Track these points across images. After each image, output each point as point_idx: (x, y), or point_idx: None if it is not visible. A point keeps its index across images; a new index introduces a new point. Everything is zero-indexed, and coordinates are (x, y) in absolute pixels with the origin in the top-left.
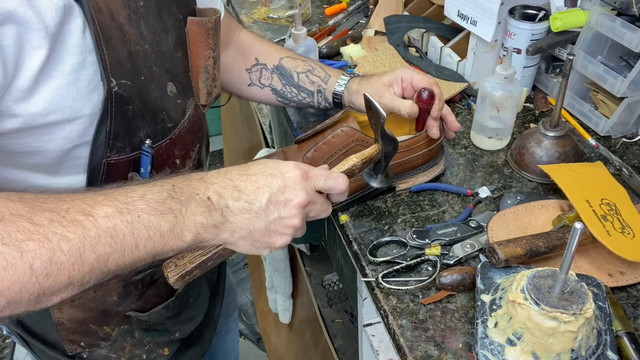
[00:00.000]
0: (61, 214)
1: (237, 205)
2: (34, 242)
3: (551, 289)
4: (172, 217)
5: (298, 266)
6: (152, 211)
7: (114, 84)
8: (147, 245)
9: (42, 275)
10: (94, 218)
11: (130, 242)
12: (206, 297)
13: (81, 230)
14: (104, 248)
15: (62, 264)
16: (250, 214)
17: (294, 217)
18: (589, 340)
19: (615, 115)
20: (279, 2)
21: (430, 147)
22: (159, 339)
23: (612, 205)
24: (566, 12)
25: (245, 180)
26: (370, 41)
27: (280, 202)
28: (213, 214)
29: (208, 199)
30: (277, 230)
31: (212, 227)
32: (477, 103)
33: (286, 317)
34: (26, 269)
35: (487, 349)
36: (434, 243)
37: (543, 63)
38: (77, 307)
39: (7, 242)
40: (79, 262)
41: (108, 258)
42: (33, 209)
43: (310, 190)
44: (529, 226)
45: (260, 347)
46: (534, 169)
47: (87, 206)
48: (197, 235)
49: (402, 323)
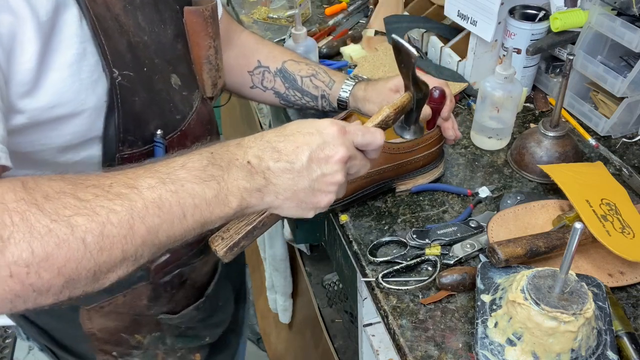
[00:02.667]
0: (105, 188)
1: (279, 166)
2: (83, 216)
3: (551, 289)
4: (215, 183)
5: (298, 266)
6: (194, 179)
7: (116, 74)
8: (194, 214)
9: (96, 250)
10: (139, 190)
11: (178, 212)
12: (232, 300)
13: (128, 203)
14: (152, 219)
15: (114, 237)
16: (293, 173)
17: (336, 173)
18: (589, 340)
19: (615, 115)
20: (279, 2)
21: (431, 149)
22: (190, 345)
23: (612, 205)
24: (566, 12)
25: (284, 141)
26: (370, 41)
27: (322, 159)
28: (255, 178)
29: (248, 163)
30: (321, 188)
31: (256, 191)
32: (477, 103)
33: (286, 317)
34: (79, 244)
35: (487, 349)
36: (434, 243)
37: (543, 63)
38: (108, 315)
39: (55, 218)
40: (130, 234)
41: (158, 229)
42: (76, 186)
43: (349, 146)
44: (529, 226)
45: (260, 347)
46: (534, 169)
47: (129, 179)
48: (242, 200)
49: (402, 323)
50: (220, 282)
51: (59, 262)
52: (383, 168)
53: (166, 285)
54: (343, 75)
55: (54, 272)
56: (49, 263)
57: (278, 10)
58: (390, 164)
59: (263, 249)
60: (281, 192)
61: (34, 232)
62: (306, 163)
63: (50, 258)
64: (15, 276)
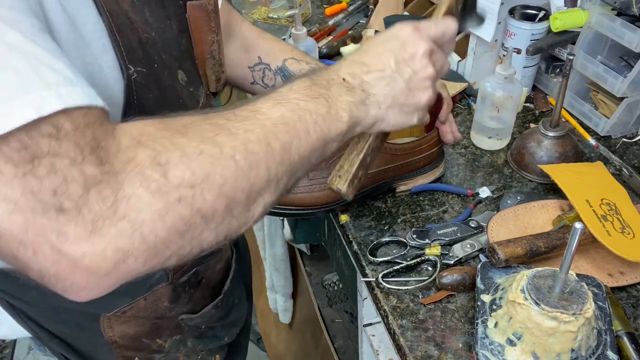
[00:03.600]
0: (231, 116)
1: (371, 76)
2: (225, 136)
3: (551, 289)
4: (323, 100)
5: (298, 266)
6: (306, 98)
7: (132, 71)
8: (315, 129)
9: (245, 167)
10: (262, 111)
11: (301, 128)
12: (245, 298)
13: (258, 122)
14: (283, 135)
15: (257, 154)
16: (386, 79)
17: (427, 67)
18: (589, 340)
19: (615, 115)
20: (279, 2)
21: (432, 150)
22: (210, 346)
23: (612, 205)
24: (566, 12)
25: (366, 55)
26: None
27: (407, 58)
28: (355, 92)
29: (344, 80)
30: (416, 86)
31: (360, 104)
32: (477, 103)
33: (286, 317)
34: (230, 162)
35: (487, 349)
36: (434, 243)
37: (543, 63)
38: (129, 322)
39: (202, 140)
40: (270, 151)
41: (290, 146)
42: (205, 116)
43: (427, 39)
44: (529, 226)
45: (260, 347)
46: (534, 169)
47: (249, 105)
48: (351, 113)
49: (402, 323)
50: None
51: (218, 180)
52: (384, 168)
53: (185, 285)
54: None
55: (216, 192)
56: (210, 182)
57: (278, 10)
58: (391, 164)
59: (263, 249)
60: (382, 101)
61: (188, 154)
62: (395, 66)
63: (210, 177)
64: (183, 200)
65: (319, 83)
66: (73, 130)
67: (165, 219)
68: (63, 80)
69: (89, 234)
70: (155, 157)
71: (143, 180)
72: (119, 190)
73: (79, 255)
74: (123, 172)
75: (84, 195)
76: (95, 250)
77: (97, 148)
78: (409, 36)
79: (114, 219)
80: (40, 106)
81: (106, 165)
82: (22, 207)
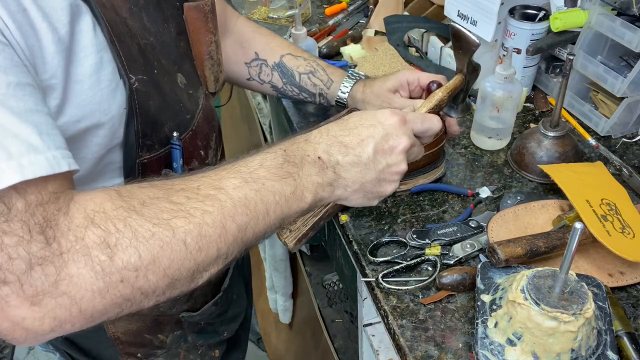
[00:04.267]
0: (194, 191)
1: (347, 159)
2: (180, 219)
3: (551, 289)
4: (291, 180)
5: (298, 266)
6: (273, 177)
7: (133, 80)
8: (276, 210)
9: (195, 250)
10: (225, 190)
11: (262, 209)
12: (244, 294)
13: (218, 203)
14: (241, 217)
15: (210, 237)
16: (360, 166)
17: (401, 163)
18: (589, 340)
19: (615, 115)
20: (279, 2)
21: (433, 149)
22: (210, 341)
23: (612, 205)
24: (566, 12)
25: (348, 135)
26: (370, 41)
27: (386, 150)
28: (327, 172)
29: (319, 159)
30: (386, 178)
31: (328, 185)
32: (477, 103)
33: (286, 317)
34: (181, 245)
35: (487, 349)
36: (434, 243)
37: (543, 63)
38: (131, 318)
39: (157, 222)
40: (224, 233)
41: (246, 227)
42: (167, 190)
43: (410, 134)
44: (529, 226)
45: (260, 347)
46: (534, 169)
47: (214, 181)
48: (315, 194)
49: (402, 323)
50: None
51: (164, 264)
52: None
53: None
54: (341, 72)
55: (160, 274)
56: (156, 266)
57: (278, 10)
58: None
59: (263, 249)
60: (350, 185)
61: (139, 237)
62: (372, 155)
63: (157, 261)
64: (125, 281)
65: (291, 160)
66: (24, 209)
67: (104, 297)
68: (26, 149)
69: (29, 304)
70: (105, 239)
71: (88, 260)
72: (62, 269)
73: (19, 319)
74: (69, 252)
75: (27, 272)
76: (35, 317)
77: (47, 227)
78: (394, 128)
79: (54, 294)
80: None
81: (53, 244)
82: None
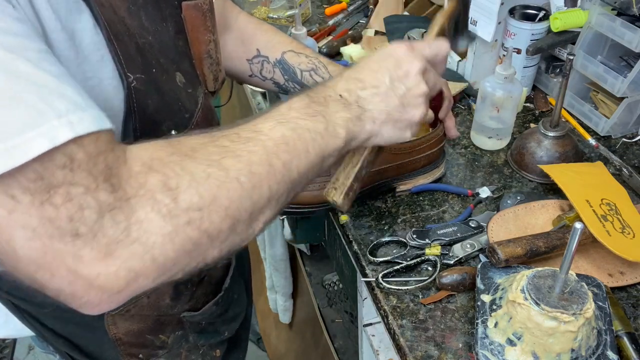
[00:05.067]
0: (235, 136)
1: (367, 92)
2: (230, 159)
3: (551, 289)
4: (321, 117)
5: (298, 266)
6: (304, 116)
7: (131, 79)
8: (314, 147)
9: (249, 188)
10: (264, 132)
11: (301, 147)
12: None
13: (260, 143)
14: (284, 155)
15: (260, 174)
16: (381, 96)
17: (420, 84)
18: (589, 340)
19: (615, 115)
20: (279, 2)
21: (433, 149)
22: (211, 341)
23: (612, 205)
24: (566, 12)
25: (362, 72)
26: (370, 41)
27: (402, 76)
28: (351, 108)
29: (340, 97)
30: (410, 102)
31: (357, 120)
32: (477, 103)
33: (286, 317)
34: (235, 184)
35: (487, 349)
36: (434, 243)
37: (543, 63)
38: (132, 319)
39: (209, 163)
40: (272, 170)
41: (291, 164)
42: (211, 137)
43: (421, 58)
44: (529, 226)
45: (260, 347)
46: (534, 169)
47: (251, 125)
48: (347, 129)
49: (402, 323)
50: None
51: (224, 203)
52: (384, 168)
53: (187, 282)
54: (343, 69)
55: (222, 214)
56: (217, 205)
57: (278, 10)
58: (392, 163)
59: (263, 249)
60: (377, 117)
61: (197, 178)
62: (389, 83)
63: (217, 200)
64: (192, 222)
65: (316, 100)
66: (86, 159)
67: (174, 241)
68: (73, 107)
69: (103, 256)
70: (166, 182)
71: (154, 204)
72: (131, 215)
73: (94, 276)
74: (135, 197)
75: (99, 221)
76: (109, 271)
77: (110, 175)
78: (403, 55)
79: (126, 242)
80: (53, 136)
81: (119, 191)
82: (40, 233)
